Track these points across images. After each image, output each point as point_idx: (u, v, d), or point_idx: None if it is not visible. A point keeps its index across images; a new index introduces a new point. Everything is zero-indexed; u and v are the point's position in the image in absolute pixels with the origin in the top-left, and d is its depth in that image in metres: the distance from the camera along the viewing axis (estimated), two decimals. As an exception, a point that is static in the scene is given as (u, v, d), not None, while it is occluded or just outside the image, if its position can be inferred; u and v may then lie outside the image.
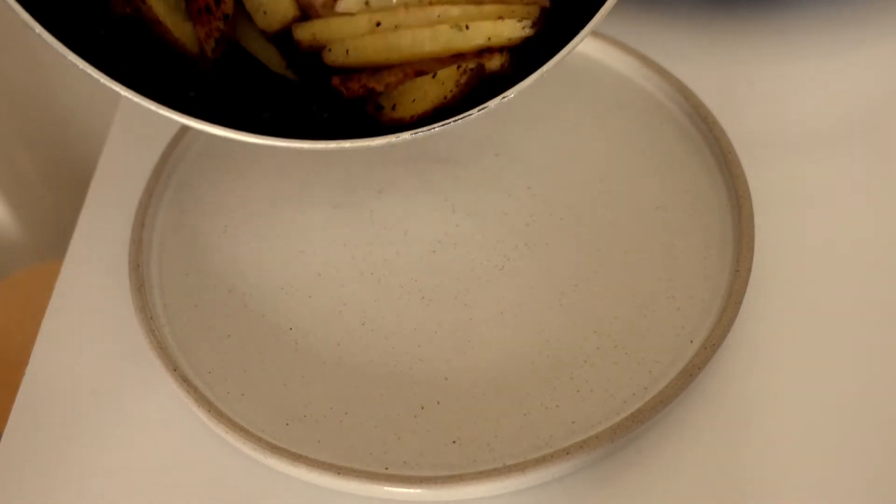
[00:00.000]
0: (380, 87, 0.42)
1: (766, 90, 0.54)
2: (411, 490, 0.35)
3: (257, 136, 0.37)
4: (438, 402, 0.38)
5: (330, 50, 0.42)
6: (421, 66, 0.41)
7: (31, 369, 0.42)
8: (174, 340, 0.41)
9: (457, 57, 0.40)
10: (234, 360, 0.41)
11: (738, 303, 0.40)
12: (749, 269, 0.41)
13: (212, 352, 0.41)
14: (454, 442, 0.37)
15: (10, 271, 0.79)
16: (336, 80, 0.42)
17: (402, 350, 0.41)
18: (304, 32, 0.43)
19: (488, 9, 0.41)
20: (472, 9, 0.41)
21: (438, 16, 0.40)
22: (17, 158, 0.84)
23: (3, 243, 0.84)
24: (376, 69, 0.42)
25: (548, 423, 0.37)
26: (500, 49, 0.40)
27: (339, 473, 0.35)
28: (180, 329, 0.42)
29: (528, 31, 0.40)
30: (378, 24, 0.41)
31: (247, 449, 0.37)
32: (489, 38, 0.40)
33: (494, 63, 0.40)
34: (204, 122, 0.37)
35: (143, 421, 0.40)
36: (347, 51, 0.42)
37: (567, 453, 0.35)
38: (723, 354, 0.40)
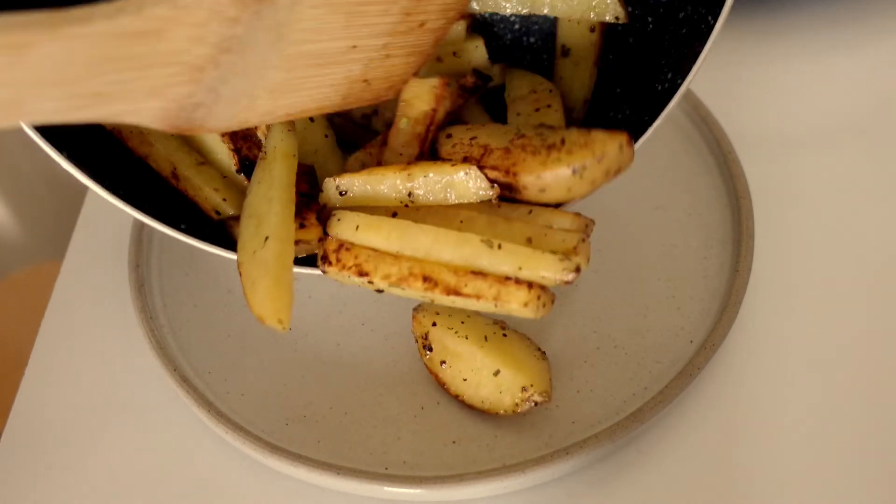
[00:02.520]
0: (376, 278, 0.34)
1: (765, 90, 0.54)
2: (411, 490, 0.35)
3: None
4: (438, 403, 0.38)
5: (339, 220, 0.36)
6: (430, 273, 0.32)
7: (30, 369, 0.42)
8: (174, 340, 0.41)
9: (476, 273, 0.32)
10: (234, 360, 0.41)
11: (738, 303, 0.40)
12: (749, 269, 0.41)
13: (212, 352, 0.41)
14: (454, 442, 0.37)
15: (10, 271, 0.78)
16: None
17: (402, 350, 0.41)
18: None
19: (518, 227, 0.32)
20: (500, 221, 0.33)
21: (462, 221, 0.33)
22: (17, 159, 0.84)
23: (3, 243, 0.83)
24: (378, 258, 0.34)
25: (548, 423, 0.37)
26: (531, 285, 0.32)
27: (338, 473, 0.35)
28: (180, 329, 0.42)
29: (569, 277, 0.31)
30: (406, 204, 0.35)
31: (247, 449, 0.37)
32: (520, 268, 0.31)
33: (514, 299, 0.31)
34: (199, 241, 0.37)
35: (142, 421, 0.40)
36: (357, 227, 0.34)
37: (567, 453, 0.35)
38: (722, 354, 0.40)
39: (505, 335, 0.38)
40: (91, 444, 0.39)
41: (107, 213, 0.49)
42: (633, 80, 0.40)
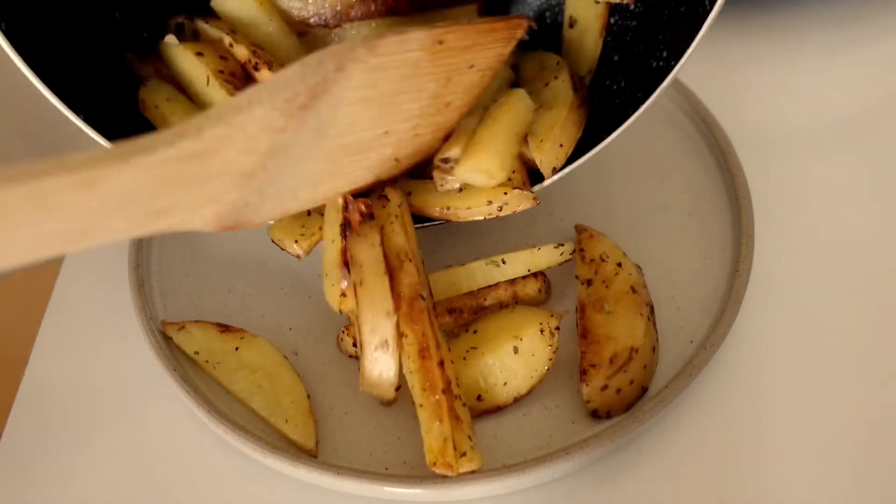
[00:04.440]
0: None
1: (765, 90, 0.54)
2: (411, 490, 0.35)
3: None
4: (438, 402, 0.38)
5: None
6: (450, 304, 0.39)
7: (30, 369, 0.42)
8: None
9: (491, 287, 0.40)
10: (234, 360, 0.41)
11: (738, 303, 0.40)
12: (749, 269, 0.41)
13: (212, 352, 0.41)
14: (454, 442, 0.37)
15: (10, 271, 0.78)
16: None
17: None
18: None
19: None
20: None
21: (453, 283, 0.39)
22: (17, 158, 0.84)
23: (3, 243, 0.83)
24: None
25: (548, 423, 0.37)
26: (536, 274, 0.40)
27: (338, 473, 0.35)
28: (180, 329, 0.42)
29: (567, 256, 0.40)
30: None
31: (247, 449, 0.37)
32: (528, 269, 0.39)
33: (530, 289, 0.40)
34: None
35: (143, 421, 0.40)
36: None
37: (567, 453, 0.35)
38: (722, 354, 0.40)
39: (475, 332, 0.38)
40: (91, 444, 0.39)
41: (107, 213, 0.49)
42: (631, 49, 0.40)
